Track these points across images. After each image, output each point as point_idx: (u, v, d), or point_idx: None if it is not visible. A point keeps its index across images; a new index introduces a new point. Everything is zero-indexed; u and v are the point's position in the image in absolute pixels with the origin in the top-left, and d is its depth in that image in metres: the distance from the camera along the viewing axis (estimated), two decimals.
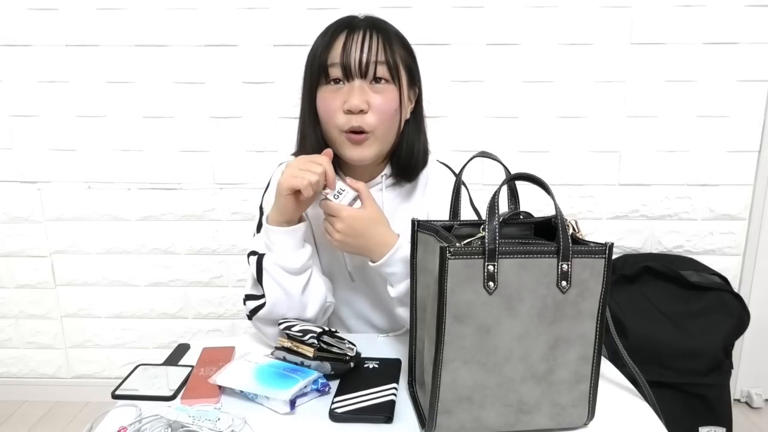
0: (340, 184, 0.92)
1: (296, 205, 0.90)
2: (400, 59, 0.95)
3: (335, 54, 0.91)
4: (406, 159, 1.01)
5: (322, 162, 0.89)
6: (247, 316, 0.97)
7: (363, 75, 0.92)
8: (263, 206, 1.03)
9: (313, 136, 0.98)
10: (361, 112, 0.92)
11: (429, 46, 1.76)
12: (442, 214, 0.86)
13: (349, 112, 0.92)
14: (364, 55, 0.91)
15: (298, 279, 0.94)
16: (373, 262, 0.94)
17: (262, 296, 0.94)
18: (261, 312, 0.93)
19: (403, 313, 0.97)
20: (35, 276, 1.98)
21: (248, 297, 0.96)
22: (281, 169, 1.05)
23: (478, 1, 1.73)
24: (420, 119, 1.04)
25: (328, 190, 0.91)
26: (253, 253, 0.95)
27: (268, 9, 1.75)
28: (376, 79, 0.93)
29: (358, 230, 0.92)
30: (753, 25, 1.73)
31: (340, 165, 1.02)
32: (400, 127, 0.99)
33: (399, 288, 0.94)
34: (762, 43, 1.74)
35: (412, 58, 0.99)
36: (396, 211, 1.04)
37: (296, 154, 1.03)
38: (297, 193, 0.88)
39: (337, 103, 0.92)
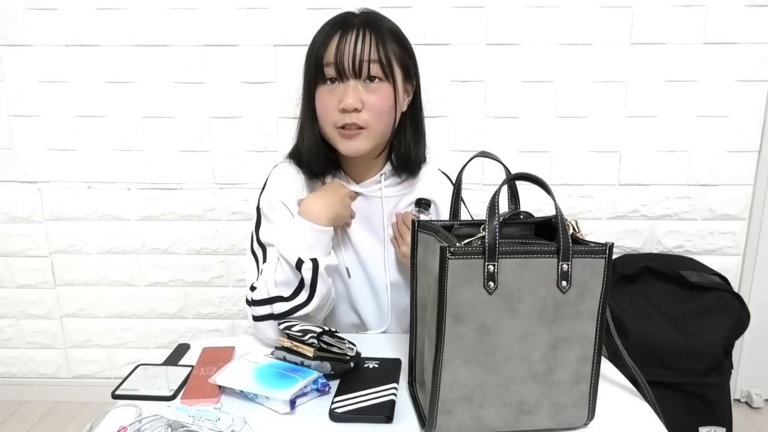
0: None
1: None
2: (393, 56, 0.96)
3: (330, 54, 0.93)
4: (405, 152, 1.03)
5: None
6: (268, 316, 0.95)
7: (357, 75, 0.93)
8: (261, 207, 1.04)
9: (311, 133, 1.01)
10: (356, 110, 0.94)
11: (429, 46, 1.76)
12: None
13: (344, 110, 0.94)
14: (357, 55, 0.92)
15: (332, 278, 0.99)
16: None
17: (292, 297, 0.93)
18: (301, 311, 0.93)
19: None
20: (35, 276, 1.98)
21: (275, 299, 0.94)
22: (278, 169, 1.07)
23: (478, 1, 1.73)
24: (418, 111, 1.05)
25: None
26: (300, 261, 0.92)
27: (268, 9, 1.75)
28: (370, 78, 0.95)
29: None
30: (753, 25, 1.73)
31: (339, 159, 1.04)
32: (395, 121, 1.00)
33: None
34: (762, 43, 1.74)
35: (408, 53, 1.00)
36: (396, 209, 1.06)
37: (292, 150, 1.05)
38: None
39: (333, 102, 0.95)
